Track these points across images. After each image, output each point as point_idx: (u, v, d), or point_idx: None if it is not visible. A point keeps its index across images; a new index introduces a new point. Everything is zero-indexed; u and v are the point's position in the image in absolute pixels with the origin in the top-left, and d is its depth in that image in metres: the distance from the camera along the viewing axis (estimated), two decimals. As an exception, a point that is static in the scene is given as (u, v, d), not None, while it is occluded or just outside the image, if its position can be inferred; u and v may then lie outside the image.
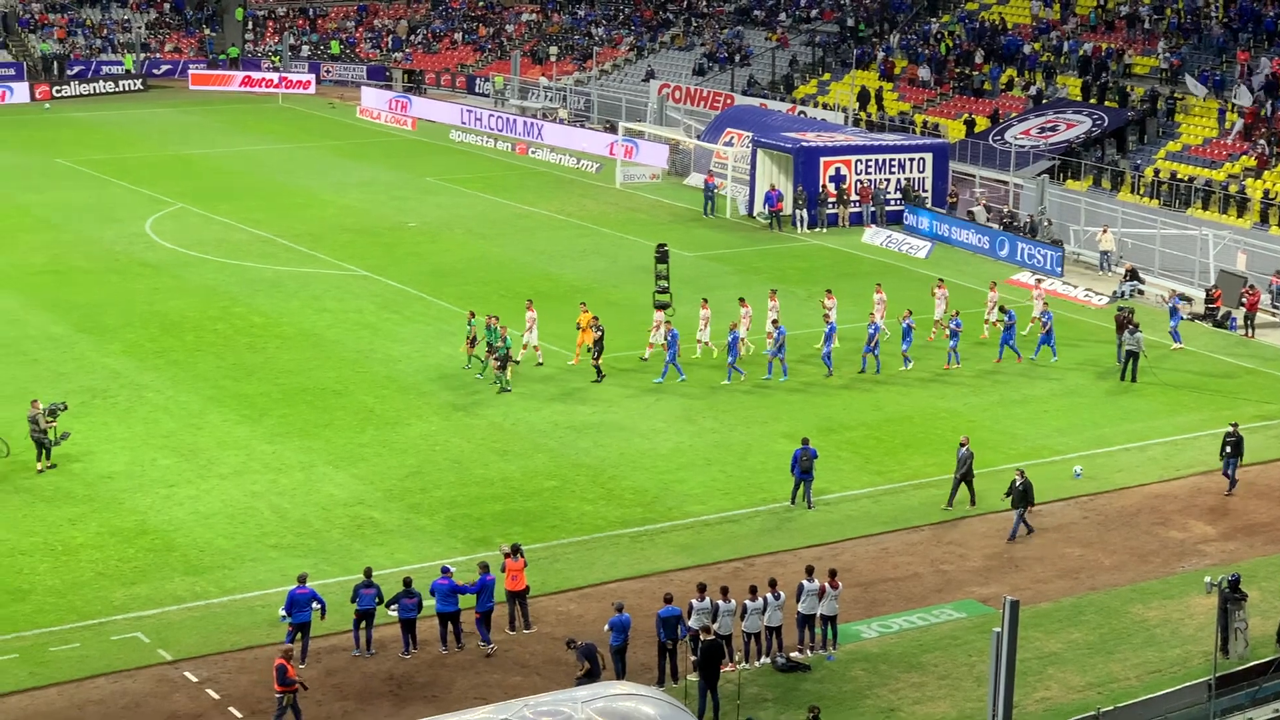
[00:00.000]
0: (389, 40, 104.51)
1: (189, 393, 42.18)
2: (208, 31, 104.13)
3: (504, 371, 42.23)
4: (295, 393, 42.38)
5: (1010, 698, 22.01)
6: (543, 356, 44.68)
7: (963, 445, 35.86)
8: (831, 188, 63.43)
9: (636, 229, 62.18)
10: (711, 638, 27.28)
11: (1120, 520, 35.72)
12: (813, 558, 31.47)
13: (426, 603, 29.03)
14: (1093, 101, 71.07)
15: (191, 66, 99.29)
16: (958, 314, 46.17)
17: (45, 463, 36.71)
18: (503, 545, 30.79)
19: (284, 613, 28.41)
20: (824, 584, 29.20)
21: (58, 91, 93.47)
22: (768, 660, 28.92)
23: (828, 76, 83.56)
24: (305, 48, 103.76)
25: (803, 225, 62.56)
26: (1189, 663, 29.00)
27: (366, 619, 28.82)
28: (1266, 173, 61.10)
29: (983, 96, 75.73)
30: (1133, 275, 54.81)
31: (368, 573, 29.14)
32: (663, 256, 49.41)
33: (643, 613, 29.03)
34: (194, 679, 27.94)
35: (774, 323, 44.49)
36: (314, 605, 28.37)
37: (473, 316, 44.63)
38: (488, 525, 34.34)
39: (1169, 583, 32.60)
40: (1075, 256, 58.96)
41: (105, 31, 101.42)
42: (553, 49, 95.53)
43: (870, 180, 64.06)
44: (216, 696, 27.42)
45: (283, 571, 31.38)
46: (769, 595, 28.72)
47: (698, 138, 72.92)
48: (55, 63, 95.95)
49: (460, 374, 43.73)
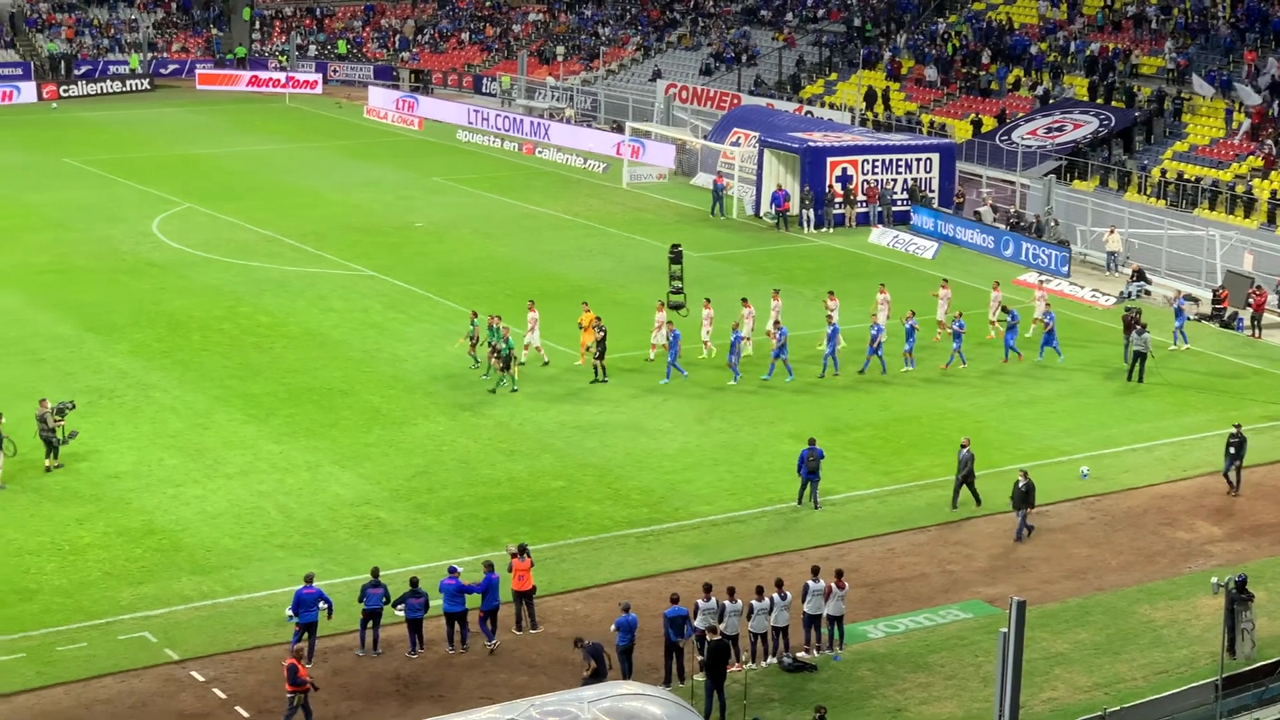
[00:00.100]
0: (396, 40, 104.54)
1: (196, 392, 42.22)
2: (215, 31, 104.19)
3: (507, 372, 42.25)
4: (302, 392, 42.41)
5: (1017, 698, 21.99)
6: (547, 356, 44.72)
7: (964, 447, 35.77)
8: (838, 188, 63.40)
9: (643, 229, 62.18)
10: (718, 638, 27.29)
11: (1127, 521, 35.69)
12: (819, 558, 31.51)
13: (434, 602, 29.06)
14: (1100, 101, 71.02)
15: (199, 66, 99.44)
16: (960, 315, 46.15)
17: (53, 461, 36.75)
18: (509, 545, 30.83)
19: (291, 612, 28.41)
20: (830, 584, 29.21)
21: (65, 91, 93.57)
22: (774, 660, 28.93)
23: (834, 76, 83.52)
24: (312, 47, 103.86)
25: (809, 225, 62.53)
26: (1196, 663, 28.98)
27: (374, 619, 28.83)
28: (1273, 173, 60.99)
29: (989, 96, 75.68)
30: (1140, 276, 54.74)
31: (375, 572, 29.15)
32: (677, 257, 49.31)
33: (649, 613, 29.05)
34: (201, 678, 27.97)
35: (775, 323, 44.47)
36: (321, 605, 28.37)
37: (475, 316, 44.66)
38: (494, 525, 34.35)
39: (1176, 583, 32.57)
40: (1082, 257, 58.84)
41: (113, 31, 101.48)
42: (559, 49, 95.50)
43: (877, 180, 64.04)
44: (223, 696, 27.46)
45: (289, 571, 31.38)
46: (775, 595, 28.73)
47: (704, 138, 72.86)
48: (62, 62, 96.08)
49: (467, 374, 43.72)
